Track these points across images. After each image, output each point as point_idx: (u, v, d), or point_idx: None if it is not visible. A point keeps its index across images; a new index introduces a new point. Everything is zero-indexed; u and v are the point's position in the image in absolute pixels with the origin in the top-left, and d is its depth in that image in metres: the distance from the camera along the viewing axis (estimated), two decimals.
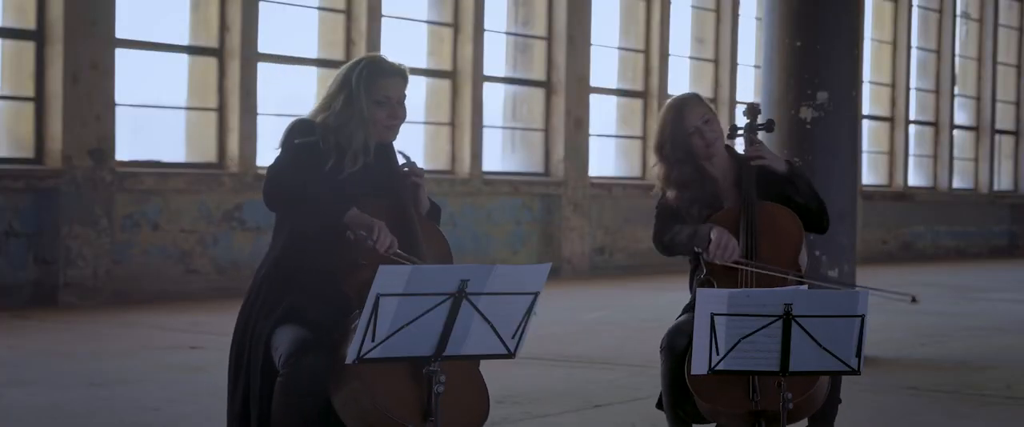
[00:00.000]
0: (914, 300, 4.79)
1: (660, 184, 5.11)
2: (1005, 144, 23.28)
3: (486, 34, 14.67)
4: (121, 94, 11.59)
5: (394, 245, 4.23)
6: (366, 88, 4.43)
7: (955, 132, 21.90)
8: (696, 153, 5.01)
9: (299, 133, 4.41)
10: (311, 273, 4.33)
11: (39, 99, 11.17)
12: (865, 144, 19.79)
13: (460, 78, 14.54)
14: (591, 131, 15.97)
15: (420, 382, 4.05)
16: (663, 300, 12.19)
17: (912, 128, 21.16)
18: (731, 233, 4.87)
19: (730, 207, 5.01)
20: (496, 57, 15.18)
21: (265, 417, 4.26)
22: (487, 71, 14.79)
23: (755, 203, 4.95)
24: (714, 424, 4.88)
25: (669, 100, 5.17)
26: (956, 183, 22.00)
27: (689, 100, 5.07)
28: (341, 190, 4.34)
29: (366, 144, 4.42)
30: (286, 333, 4.25)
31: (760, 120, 5.25)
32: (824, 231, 5.14)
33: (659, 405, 5.05)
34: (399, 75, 4.51)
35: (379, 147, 4.50)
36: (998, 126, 22.85)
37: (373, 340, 3.81)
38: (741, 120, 5.18)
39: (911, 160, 21.19)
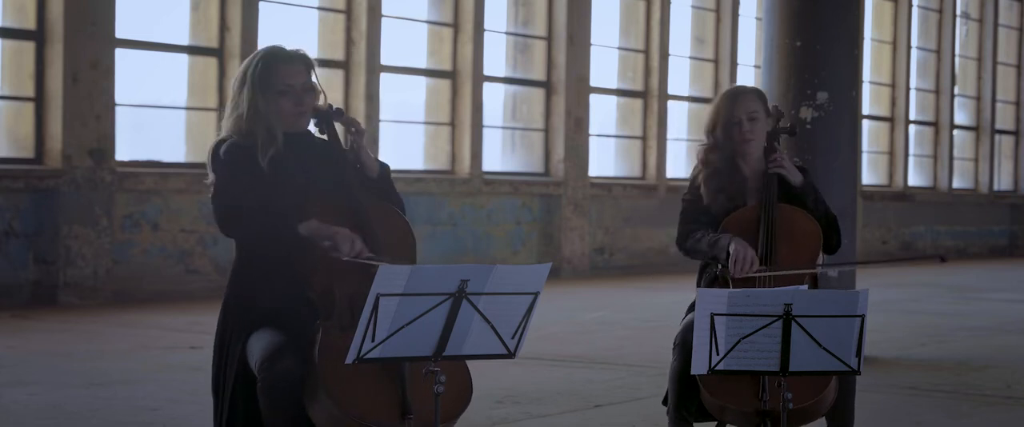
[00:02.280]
0: (943, 260, 5.21)
1: (698, 161, 5.16)
2: (1005, 144, 23.28)
3: (486, 34, 14.67)
4: (121, 94, 11.60)
5: (358, 248, 4.17)
6: (264, 80, 4.34)
7: (955, 132, 21.90)
8: (732, 143, 5.06)
9: (222, 148, 4.34)
10: (276, 276, 4.31)
11: (39, 99, 11.18)
12: (865, 144, 19.79)
13: (460, 78, 14.54)
14: (591, 131, 15.97)
15: (393, 380, 4.03)
16: (663, 300, 12.20)
17: (912, 128, 21.17)
18: (750, 235, 4.92)
19: (751, 205, 5.04)
20: (496, 57, 15.19)
21: (239, 423, 4.27)
22: (487, 71, 14.79)
23: (775, 206, 4.97)
24: (716, 423, 4.88)
25: (731, 86, 5.28)
26: (956, 183, 22.00)
27: (745, 93, 5.13)
28: (277, 188, 4.29)
29: (273, 134, 4.33)
30: (260, 339, 4.24)
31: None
32: (833, 250, 5.12)
33: (666, 401, 5.05)
34: (298, 61, 4.39)
35: (300, 135, 4.44)
36: (998, 126, 22.85)
37: (373, 340, 3.81)
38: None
39: (911, 160, 21.20)
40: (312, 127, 4.51)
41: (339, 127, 4.51)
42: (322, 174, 4.40)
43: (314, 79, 4.44)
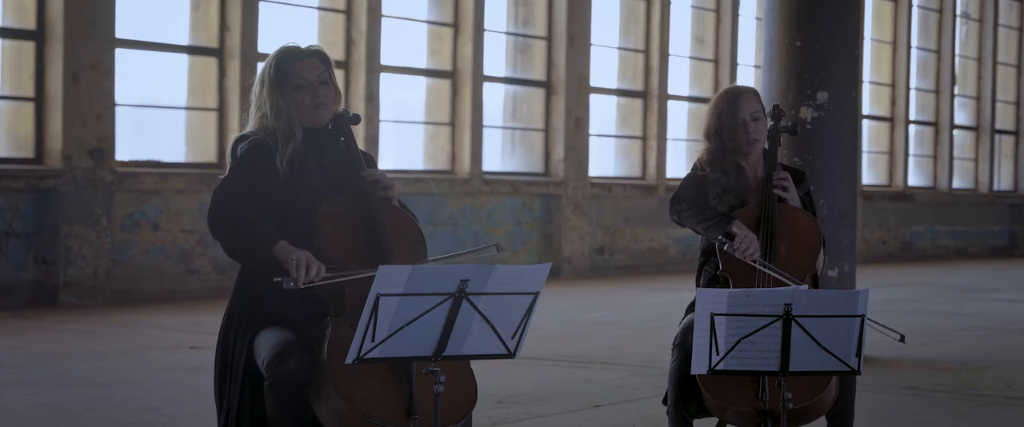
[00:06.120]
0: (903, 339, 4.62)
1: (701, 162, 5.16)
2: (1005, 144, 23.29)
3: (486, 34, 14.67)
4: (121, 94, 11.61)
5: (319, 272, 4.12)
6: (280, 78, 4.41)
7: (955, 132, 21.91)
8: (737, 144, 5.06)
9: (241, 145, 4.39)
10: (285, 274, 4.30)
11: (39, 99, 11.18)
12: (865, 144, 19.80)
13: (460, 78, 14.54)
14: (591, 131, 15.97)
15: (400, 380, 4.03)
16: (663, 300, 12.20)
17: (912, 128, 21.17)
18: (752, 231, 4.92)
19: (753, 205, 5.04)
20: (496, 57, 15.19)
21: (246, 421, 4.27)
22: (487, 71, 14.79)
23: (775, 204, 4.98)
24: (717, 423, 4.88)
25: (726, 87, 5.27)
26: (956, 183, 22.01)
27: (745, 93, 5.14)
28: (296, 186, 4.31)
29: (292, 130, 4.38)
30: (267, 337, 4.24)
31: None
32: None
33: (665, 401, 5.05)
34: (311, 56, 4.46)
35: (322, 132, 4.45)
36: (998, 126, 22.85)
37: (373, 340, 3.81)
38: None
39: (911, 160, 21.20)
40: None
41: (355, 131, 4.54)
42: (338, 175, 4.41)
43: (330, 74, 4.48)
